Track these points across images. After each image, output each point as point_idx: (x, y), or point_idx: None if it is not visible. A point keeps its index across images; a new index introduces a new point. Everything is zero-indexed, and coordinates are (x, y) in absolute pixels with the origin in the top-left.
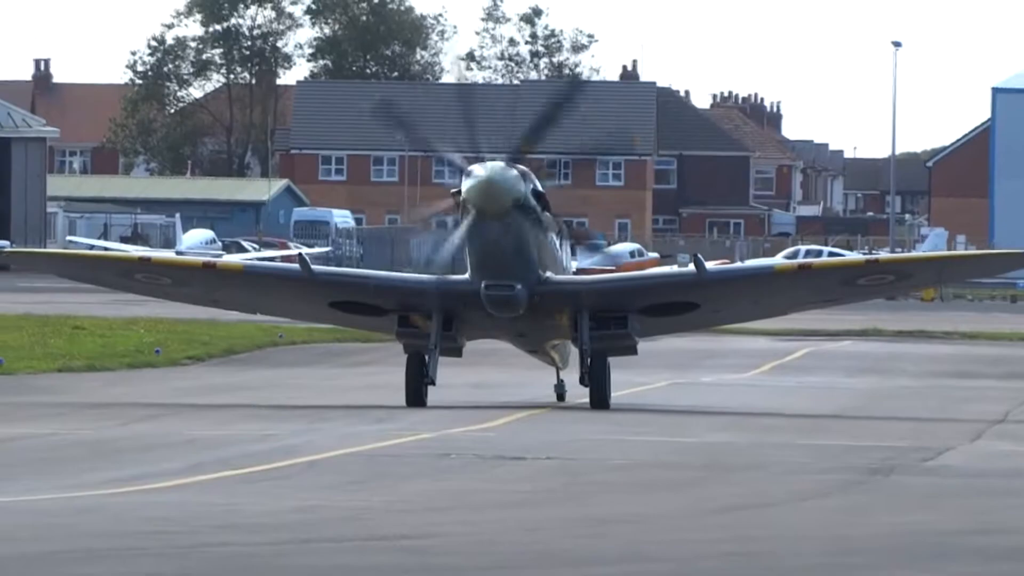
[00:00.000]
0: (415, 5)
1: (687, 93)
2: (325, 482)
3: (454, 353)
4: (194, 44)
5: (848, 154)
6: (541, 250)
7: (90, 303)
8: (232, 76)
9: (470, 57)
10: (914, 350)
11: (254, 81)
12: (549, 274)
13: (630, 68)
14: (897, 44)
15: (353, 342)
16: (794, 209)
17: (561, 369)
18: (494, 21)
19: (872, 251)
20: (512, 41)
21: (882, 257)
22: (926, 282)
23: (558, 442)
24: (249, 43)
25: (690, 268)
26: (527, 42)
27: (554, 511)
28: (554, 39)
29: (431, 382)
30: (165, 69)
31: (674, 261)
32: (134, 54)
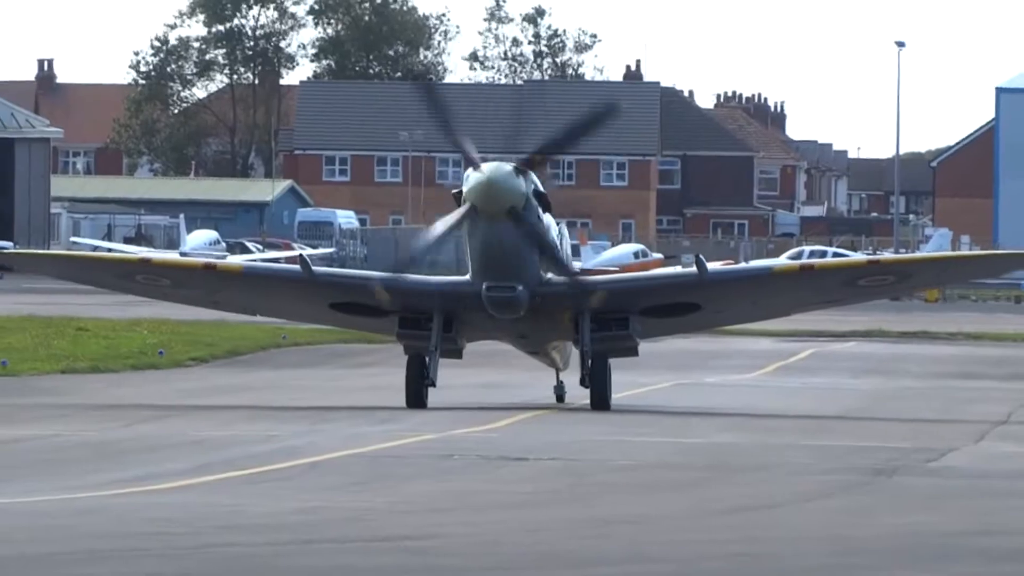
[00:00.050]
0: (418, 5)
1: (691, 93)
2: (328, 483)
3: (454, 355)
4: (197, 44)
5: (852, 154)
6: (543, 251)
7: (94, 304)
8: (235, 76)
9: (473, 57)
10: (918, 351)
11: (257, 81)
12: (550, 275)
13: (634, 68)
14: (901, 44)
15: (356, 343)
16: (798, 209)
17: (561, 371)
18: (497, 21)
19: (876, 252)
20: (515, 41)
21: (883, 258)
22: (927, 283)
23: (561, 443)
24: (252, 43)
25: (691, 269)
26: (530, 42)
27: (557, 512)
28: (557, 39)
29: (431, 383)
30: (168, 69)
31: (678, 262)
32: (137, 54)
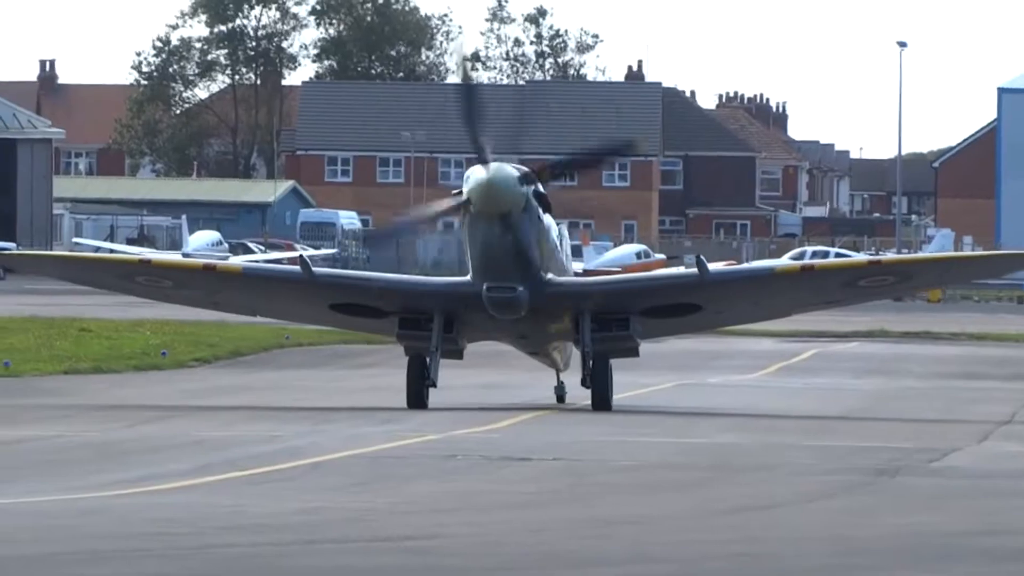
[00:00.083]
0: (420, 5)
1: (693, 93)
2: (330, 483)
3: (455, 355)
4: (199, 45)
5: (854, 155)
6: (543, 251)
7: (96, 305)
8: (237, 77)
9: (475, 58)
10: (921, 351)
11: (259, 82)
12: (551, 276)
13: (635, 68)
14: (903, 44)
15: (358, 344)
16: (800, 210)
17: (561, 371)
18: (499, 21)
19: (879, 252)
20: (517, 41)
21: (884, 258)
22: (928, 284)
23: (564, 443)
24: (254, 44)
25: (692, 270)
26: (532, 42)
27: (560, 512)
28: (559, 39)
29: (432, 384)
30: (170, 70)
31: (681, 262)
32: (139, 55)
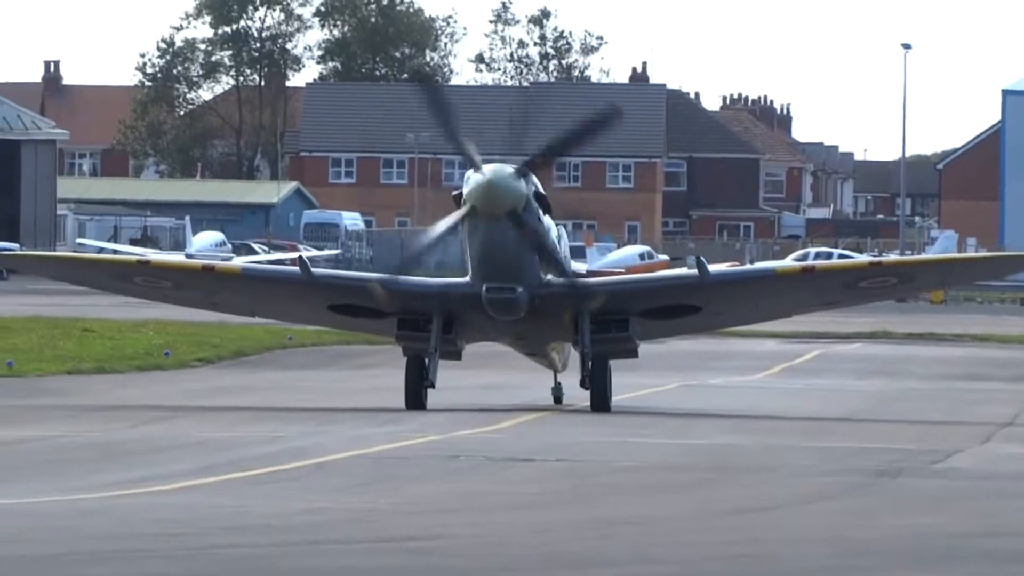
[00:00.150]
0: (424, 7)
1: (697, 95)
2: (333, 484)
3: (453, 356)
4: (203, 46)
5: (858, 156)
6: (542, 252)
7: (100, 305)
8: (241, 78)
9: (479, 59)
10: (923, 352)
11: (263, 83)
12: (550, 277)
13: (640, 70)
14: (907, 46)
15: (361, 345)
16: (804, 212)
17: (559, 372)
18: (503, 23)
19: (882, 254)
20: (521, 43)
21: (885, 260)
22: (930, 285)
23: (566, 444)
24: (258, 45)
25: (692, 271)
26: (536, 44)
27: (562, 513)
28: (563, 41)
29: (431, 385)
30: (174, 71)
31: (684, 263)
32: (143, 56)
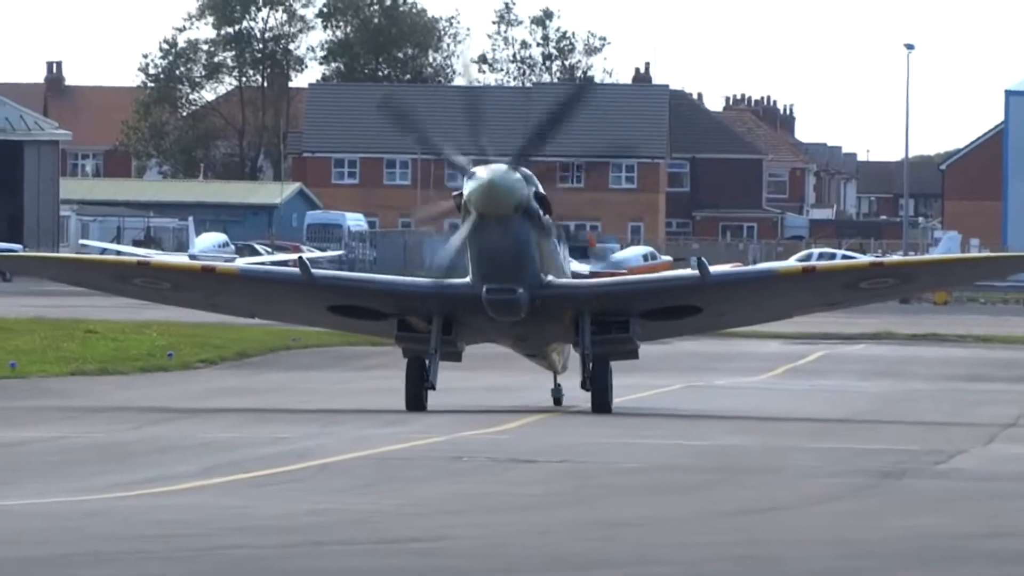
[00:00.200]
0: (427, 7)
1: (700, 96)
2: (337, 485)
3: (453, 357)
4: (206, 47)
5: (861, 157)
6: (543, 253)
7: (103, 307)
8: (244, 79)
9: (482, 60)
10: (927, 353)
11: (266, 84)
12: (550, 278)
13: (643, 71)
14: (910, 47)
15: (364, 346)
16: (807, 212)
17: (559, 374)
18: (506, 24)
19: (885, 255)
20: (524, 44)
21: (886, 260)
22: (930, 285)
23: (569, 445)
24: (261, 46)
25: (693, 271)
26: (539, 44)
27: (565, 514)
28: (566, 41)
29: (431, 386)
30: (177, 72)
31: (687, 264)
32: (146, 57)
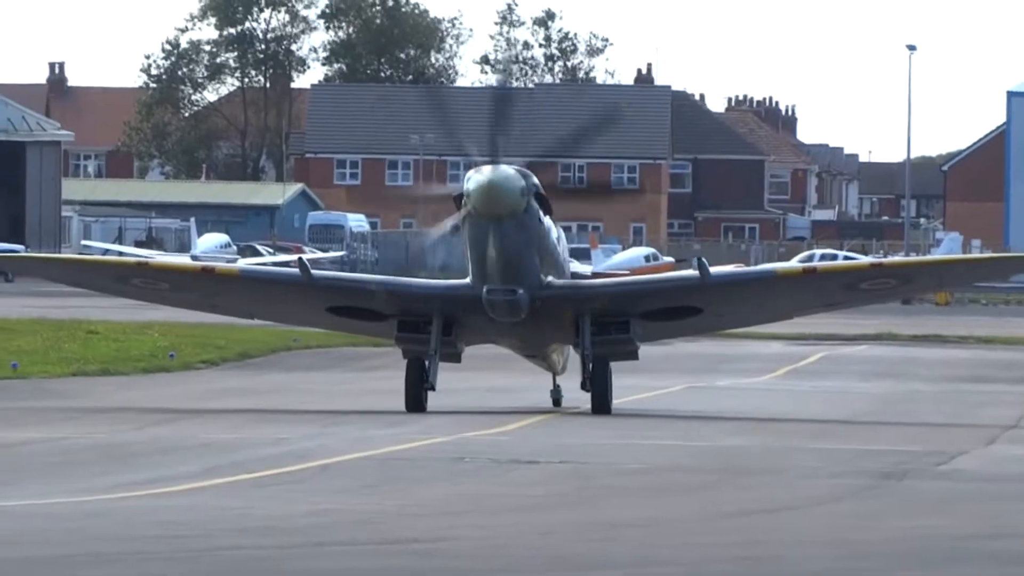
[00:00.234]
0: (430, 8)
1: (702, 97)
2: (338, 486)
3: (453, 358)
4: (208, 48)
5: (863, 158)
6: (543, 254)
7: (104, 307)
8: (246, 80)
9: (484, 60)
10: (929, 354)
11: (268, 85)
12: (551, 278)
13: (645, 72)
14: (912, 48)
15: (366, 347)
16: (809, 213)
17: (558, 375)
18: (508, 24)
19: (887, 256)
20: (526, 44)
21: (886, 261)
22: (930, 286)
23: (571, 446)
24: (263, 47)
25: (694, 272)
26: (541, 45)
27: (567, 515)
28: (568, 42)
29: (431, 387)
30: (179, 73)
31: (689, 265)
32: (148, 58)
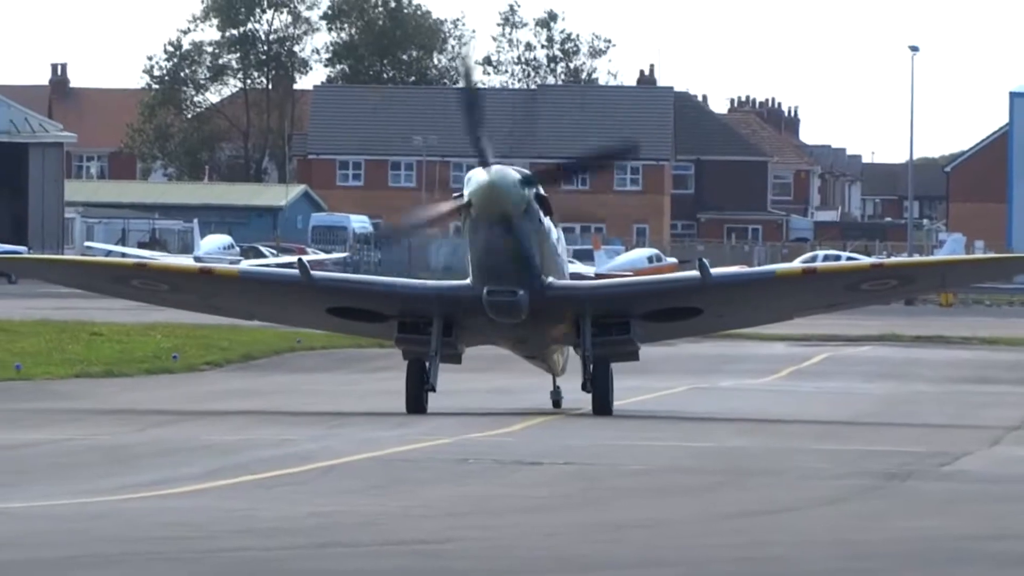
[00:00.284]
0: (432, 9)
1: (705, 98)
2: (342, 487)
3: (453, 360)
4: (211, 49)
5: (866, 159)
6: (544, 255)
7: (108, 309)
8: (249, 81)
9: (487, 61)
10: (932, 355)
11: (271, 86)
12: (551, 279)
13: (647, 73)
14: (914, 49)
15: (370, 348)
16: (812, 214)
17: (558, 376)
18: (511, 26)
19: (889, 256)
20: (529, 46)
21: (886, 261)
22: (931, 287)
23: (575, 447)
24: (266, 48)
25: (694, 272)
26: (544, 46)
27: (571, 516)
28: (571, 43)
29: (432, 388)
30: (182, 74)
31: (692, 266)
32: (151, 59)
